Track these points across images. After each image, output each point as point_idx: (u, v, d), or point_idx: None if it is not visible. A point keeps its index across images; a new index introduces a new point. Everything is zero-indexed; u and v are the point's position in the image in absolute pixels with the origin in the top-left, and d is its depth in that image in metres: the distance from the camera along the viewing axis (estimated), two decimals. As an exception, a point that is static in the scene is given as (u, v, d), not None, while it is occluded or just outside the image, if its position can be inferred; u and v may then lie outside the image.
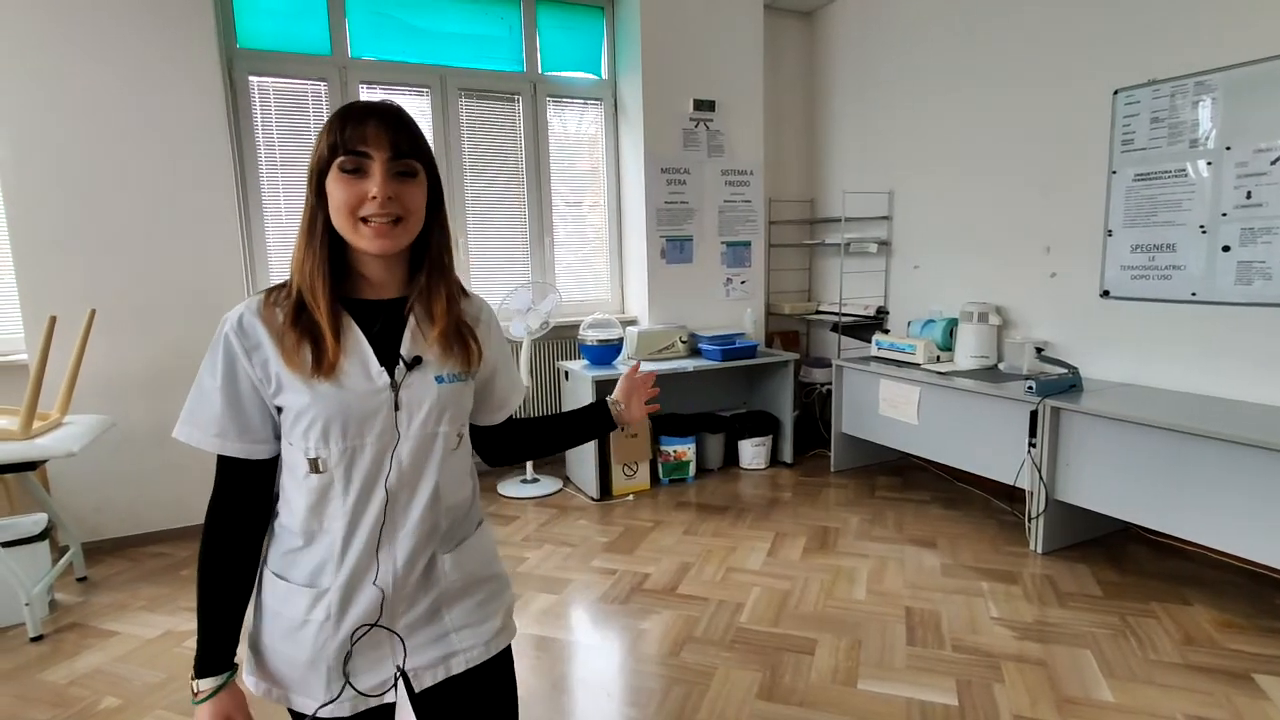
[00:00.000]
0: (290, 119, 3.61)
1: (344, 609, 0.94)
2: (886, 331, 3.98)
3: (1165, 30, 2.87)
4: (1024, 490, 3.00)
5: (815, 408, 4.59)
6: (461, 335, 1.01)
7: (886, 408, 3.69)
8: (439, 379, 0.98)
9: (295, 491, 0.94)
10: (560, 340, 4.22)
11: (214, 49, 3.18)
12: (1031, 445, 2.92)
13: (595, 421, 1.25)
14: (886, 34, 4.17)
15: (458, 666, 1.03)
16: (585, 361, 3.91)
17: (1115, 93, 3.05)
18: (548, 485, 3.89)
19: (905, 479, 3.92)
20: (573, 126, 4.28)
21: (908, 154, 4.10)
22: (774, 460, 4.23)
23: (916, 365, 3.66)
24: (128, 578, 2.95)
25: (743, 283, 4.45)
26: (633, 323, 4.29)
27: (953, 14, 3.76)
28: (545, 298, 3.83)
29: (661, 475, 3.95)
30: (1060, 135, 3.29)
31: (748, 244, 4.43)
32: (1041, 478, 2.90)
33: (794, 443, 4.21)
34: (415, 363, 0.96)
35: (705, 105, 4.15)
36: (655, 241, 4.17)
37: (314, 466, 0.92)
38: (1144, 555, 2.91)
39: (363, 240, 0.89)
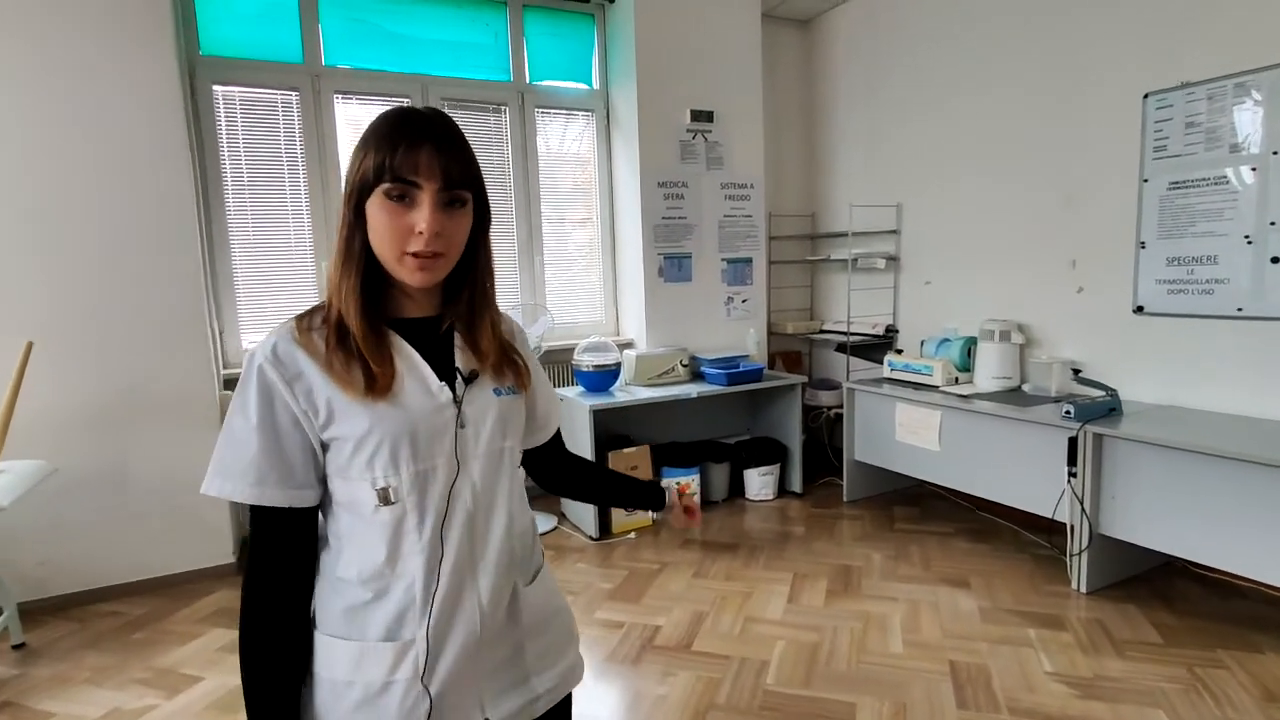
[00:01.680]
0: (259, 131, 3.34)
1: (435, 660, 0.86)
2: (900, 351, 3.76)
3: (1197, 30, 2.69)
4: (1059, 522, 2.77)
5: (823, 433, 4.35)
6: (509, 357, 0.98)
7: (904, 433, 3.46)
8: (497, 391, 0.95)
9: (363, 533, 0.86)
10: (553, 366, 3.95)
11: (172, 56, 2.90)
12: (1072, 475, 2.69)
13: (645, 493, 1.23)
14: (891, 40, 3.99)
15: (541, 708, 0.98)
16: (581, 389, 3.64)
17: (1145, 96, 2.87)
18: (542, 523, 3.60)
19: (924, 509, 3.68)
20: (563, 139, 4.04)
21: (916, 165, 3.91)
22: (782, 490, 3.97)
23: (935, 388, 3.43)
24: (72, 643, 2.61)
25: (744, 301, 4.22)
26: (629, 345, 4.03)
27: (961, 17, 3.58)
28: (536, 320, 3.57)
29: (664, 509, 3.66)
30: (1084, 142, 3.10)
31: (749, 260, 4.21)
32: (1084, 510, 2.67)
33: (803, 471, 3.96)
34: (473, 377, 0.92)
35: (703, 116, 3.94)
36: (652, 259, 3.93)
37: (385, 497, 0.84)
38: (1196, 594, 2.69)
39: (404, 271, 0.84)
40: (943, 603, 2.68)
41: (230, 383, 3.22)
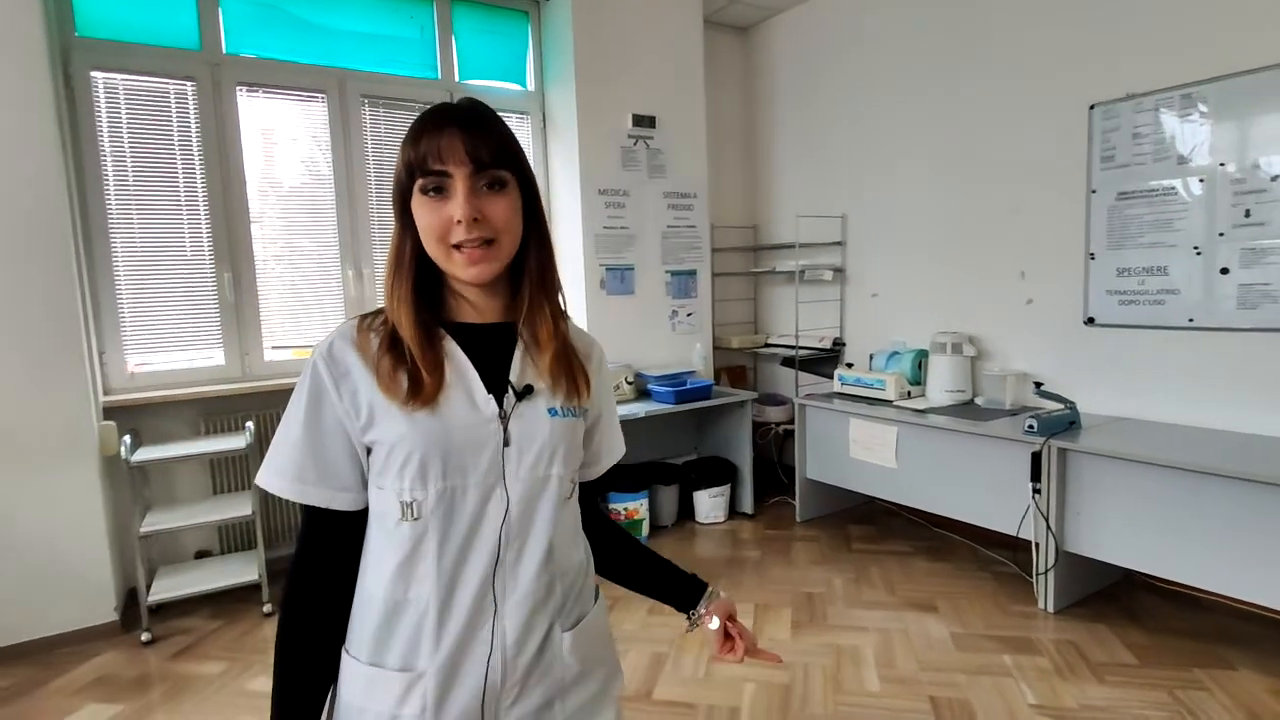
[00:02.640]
0: (148, 125, 2.93)
1: (442, 700, 0.81)
2: (850, 365, 3.67)
3: (1143, 42, 2.70)
4: (1017, 538, 2.69)
5: (772, 450, 4.22)
6: (570, 364, 0.90)
7: (859, 450, 3.35)
8: (552, 411, 0.87)
9: (384, 547, 0.82)
10: (487, 385, 3.65)
11: (39, 37, 2.49)
12: (1036, 491, 2.62)
13: (684, 592, 1.07)
14: (831, 50, 3.93)
15: None
16: (519, 410, 3.37)
17: (1091, 108, 2.87)
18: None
19: (879, 527, 3.58)
20: (495, 143, 3.77)
21: (861, 175, 3.85)
22: (732, 511, 3.80)
23: (888, 402, 3.34)
24: (-99, 735, 2.14)
25: (689, 315, 4.05)
26: (570, 363, 3.78)
27: (902, 28, 3.54)
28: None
29: (611, 538, 3.42)
30: (1031, 153, 3.08)
31: (693, 273, 4.04)
32: (1049, 528, 2.60)
33: (754, 491, 3.80)
34: (526, 391, 0.86)
35: (645, 121, 3.76)
36: (594, 270, 3.70)
37: (407, 512, 0.80)
38: (1159, 608, 2.65)
39: (456, 268, 0.81)
40: (913, 630, 2.55)
41: (112, 411, 2.79)
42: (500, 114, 0.87)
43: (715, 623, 1.04)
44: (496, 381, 0.85)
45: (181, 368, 3.05)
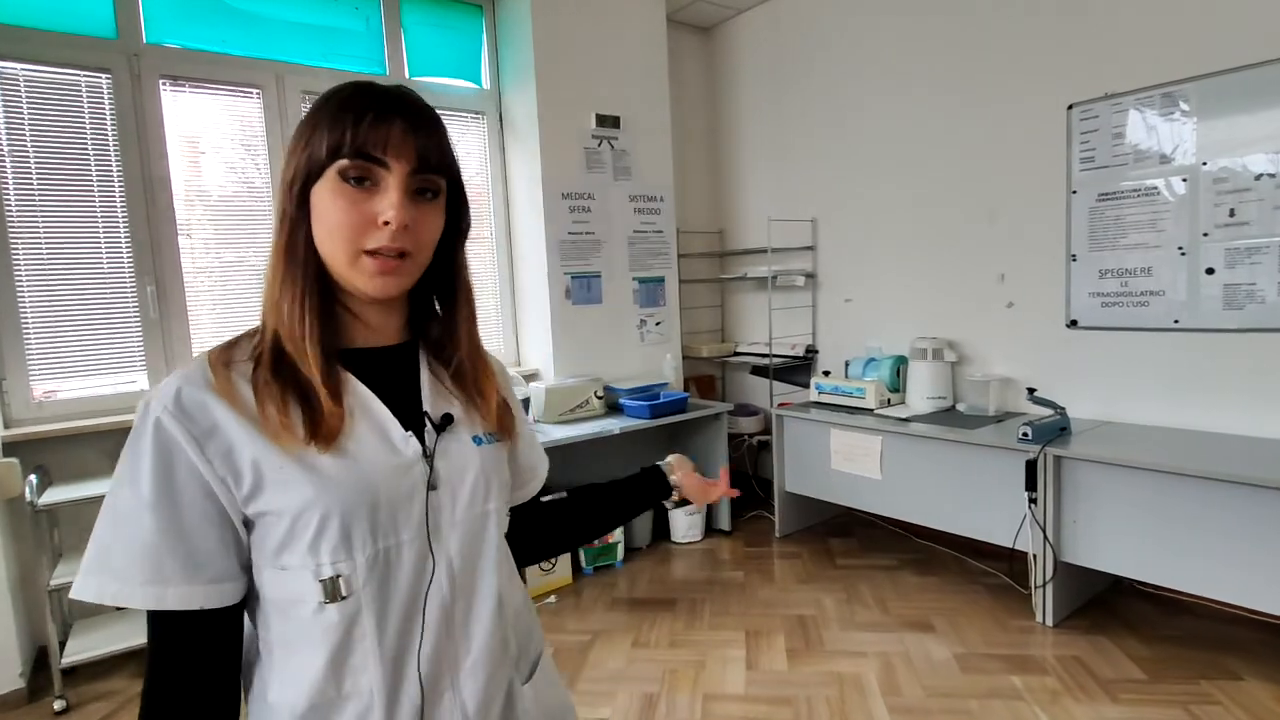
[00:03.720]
0: (54, 122, 2.59)
1: None
2: (827, 373, 3.55)
3: (1121, 40, 2.67)
4: (1012, 549, 2.60)
5: (746, 463, 4.07)
6: (485, 384, 0.79)
7: (841, 461, 3.23)
8: (476, 440, 0.76)
9: (300, 643, 0.65)
10: (446, 403, 3.40)
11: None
12: (1032, 501, 2.53)
13: (648, 490, 1.05)
14: (797, 49, 3.84)
15: None
16: (483, 430, 3.13)
17: (1070, 107, 2.82)
18: (441, 592, 3.02)
19: (861, 540, 3.46)
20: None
21: (831, 178, 3.75)
22: (709, 529, 3.63)
23: (869, 411, 3.23)
24: None
25: (658, 324, 3.87)
26: (535, 377, 3.57)
27: (871, 25, 3.47)
28: (428, 352, 3.02)
29: (585, 563, 3.22)
30: (1008, 154, 3.03)
31: (661, 280, 3.87)
32: (1047, 538, 2.51)
33: (731, 506, 3.64)
34: (446, 422, 0.73)
35: (609, 121, 3.58)
36: (558, 279, 3.49)
37: (332, 591, 0.64)
38: (1154, 616, 2.60)
39: (360, 277, 0.67)
40: (913, 652, 2.42)
41: (14, 446, 2.44)
42: (454, 113, 0.70)
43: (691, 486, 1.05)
44: (407, 415, 0.72)
45: (97, 394, 2.70)
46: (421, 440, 0.72)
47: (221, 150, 2.94)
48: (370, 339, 0.74)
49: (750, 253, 4.11)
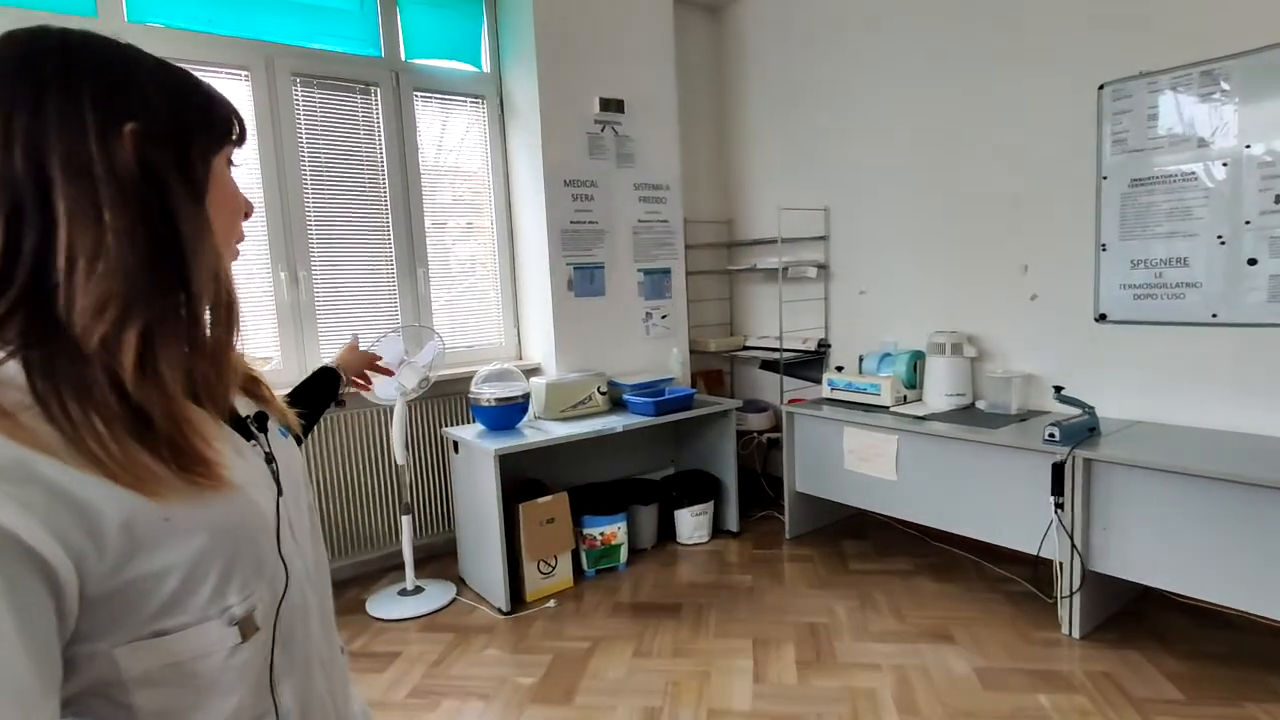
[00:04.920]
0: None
1: None
2: (840, 368, 3.41)
3: (1158, 14, 2.50)
4: (1038, 556, 2.46)
5: (755, 461, 3.94)
6: (258, 377, 0.74)
7: (854, 461, 3.08)
8: (282, 433, 0.72)
9: (197, 703, 0.54)
10: (444, 400, 3.28)
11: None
12: (1058, 506, 2.39)
13: (323, 385, 1.22)
14: (810, 29, 3.67)
15: None
16: (481, 427, 3.01)
17: (1101, 87, 2.65)
18: (436, 596, 2.91)
19: (874, 542, 3.32)
20: (443, 127, 3.40)
21: (844, 164, 3.59)
22: (716, 529, 3.50)
23: (884, 408, 3.09)
24: None
25: (663, 317, 3.74)
26: (536, 372, 3.44)
27: (892, 2, 3.30)
28: (423, 346, 2.91)
29: (586, 566, 3.09)
30: (1034, 137, 2.86)
31: (667, 271, 3.73)
32: (1074, 546, 2.37)
33: (739, 506, 3.51)
34: (262, 421, 0.68)
35: (613, 105, 3.44)
36: (560, 270, 3.36)
37: (248, 628, 0.57)
38: (1188, 629, 2.44)
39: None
40: (931, 665, 2.28)
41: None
42: (451, 97, 0.58)
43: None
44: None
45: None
46: (261, 445, 0.67)
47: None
48: None
49: (760, 243, 3.96)
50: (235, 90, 2.85)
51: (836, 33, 3.54)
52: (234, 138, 0.63)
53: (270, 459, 0.66)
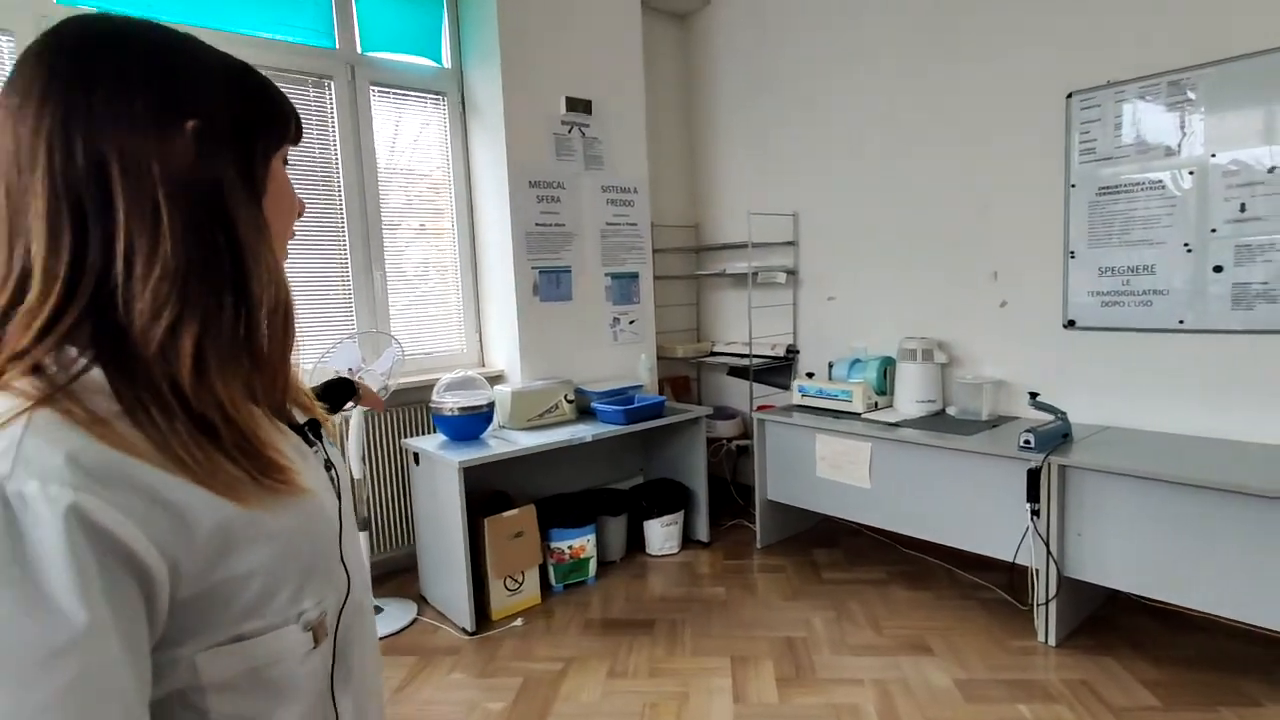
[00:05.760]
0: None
1: None
2: (810, 375, 3.37)
3: (1125, 24, 2.52)
4: (1013, 563, 2.45)
5: (724, 469, 3.88)
6: (305, 395, 0.73)
7: (827, 468, 3.05)
8: (330, 444, 0.71)
9: (275, 705, 0.55)
10: (404, 410, 3.13)
11: None
12: (1034, 513, 2.38)
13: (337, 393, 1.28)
14: (778, 36, 3.64)
15: None
16: (443, 438, 2.87)
17: (1069, 96, 2.67)
18: (397, 615, 2.76)
19: (846, 550, 3.29)
20: (398, 124, 3.25)
21: (814, 170, 3.57)
22: (686, 540, 3.42)
23: (856, 415, 3.06)
24: None
25: (631, 322, 3.65)
26: (500, 380, 3.31)
27: (860, 9, 3.28)
28: (381, 353, 2.76)
29: (554, 580, 2.98)
30: (1001, 145, 2.87)
31: (635, 275, 3.65)
32: (1050, 553, 2.36)
33: (709, 516, 3.44)
34: (316, 429, 0.68)
35: (580, 105, 3.34)
36: (525, 274, 3.24)
37: (320, 632, 0.58)
38: (1158, 634, 2.46)
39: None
40: (912, 679, 2.24)
41: None
42: (412, 93, 0.52)
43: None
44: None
45: None
46: (324, 451, 0.68)
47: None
48: None
49: (728, 248, 3.91)
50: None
51: (805, 40, 3.52)
52: (291, 135, 0.61)
53: (329, 465, 0.67)
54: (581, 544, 3.00)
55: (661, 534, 3.31)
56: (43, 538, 0.42)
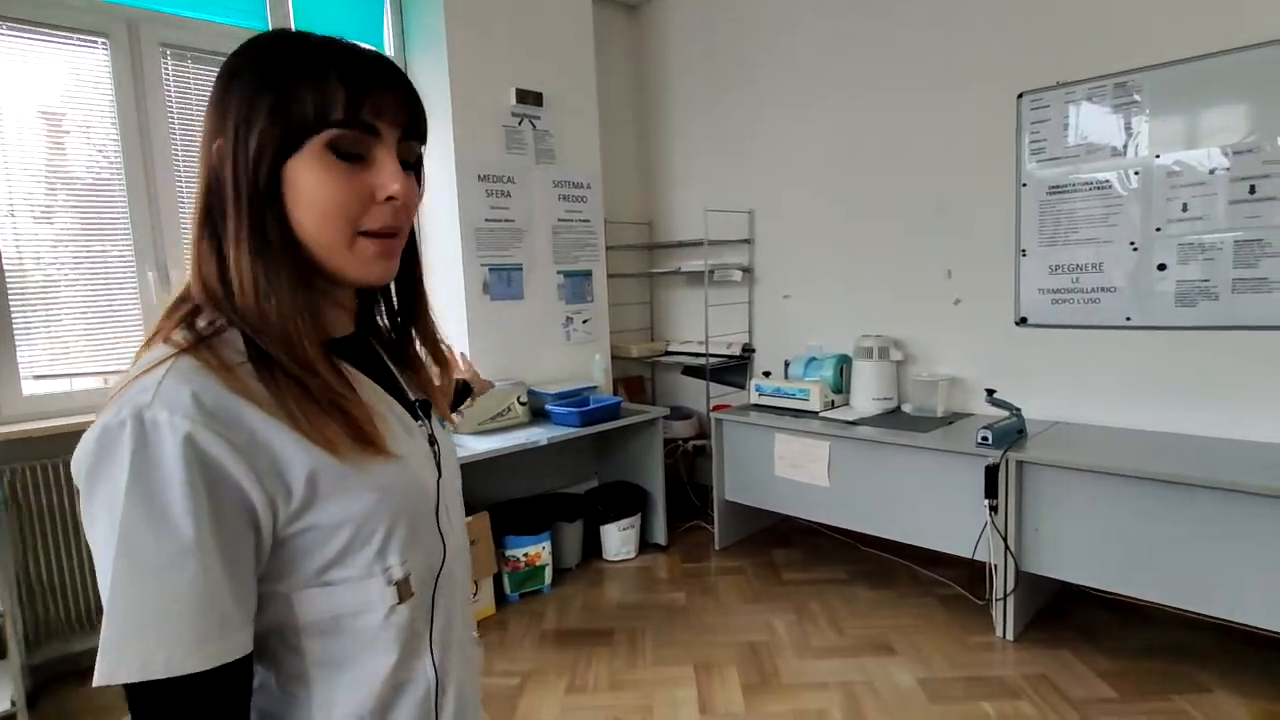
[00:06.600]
0: None
1: None
2: (767, 374, 3.34)
3: (1074, 27, 2.56)
4: (972, 559, 2.46)
5: (680, 469, 3.82)
6: (444, 378, 0.84)
7: (785, 468, 3.02)
8: (441, 424, 0.78)
9: (360, 656, 0.61)
10: (345, 414, 2.96)
11: None
12: (992, 509, 2.39)
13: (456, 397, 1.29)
14: (731, 31, 3.60)
15: None
16: (389, 444, 2.72)
17: (1020, 96, 2.71)
18: (341, 634, 2.60)
19: (804, 550, 3.27)
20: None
21: (769, 168, 3.54)
22: (644, 543, 3.35)
23: (814, 414, 3.04)
24: None
25: (585, 322, 3.56)
26: (449, 382, 3.17)
27: (815, 6, 3.27)
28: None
29: (509, 589, 2.87)
30: (956, 143, 2.89)
31: (588, 274, 3.56)
32: (1009, 549, 2.38)
33: (666, 518, 3.37)
34: (428, 409, 0.74)
35: (531, 97, 3.23)
36: (475, 272, 3.12)
37: (405, 591, 0.63)
38: (1111, 625, 2.51)
39: (356, 262, 0.61)
40: (877, 680, 2.22)
41: None
42: None
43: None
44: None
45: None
46: (428, 427, 0.73)
47: (55, 110, 2.40)
48: (340, 327, 0.68)
49: (683, 245, 3.86)
50: (89, 62, 2.44)
51: (758, 35, 3.49)
52: (329, 122, 0.58)
53: (433, 441, 0.72)
54: (537, 551, 2.90)
55: (619, 538, 3.23)
56: (164, 456, 0.51)
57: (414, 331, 0.76)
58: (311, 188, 0.58)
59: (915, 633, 2.50)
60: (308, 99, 0.57)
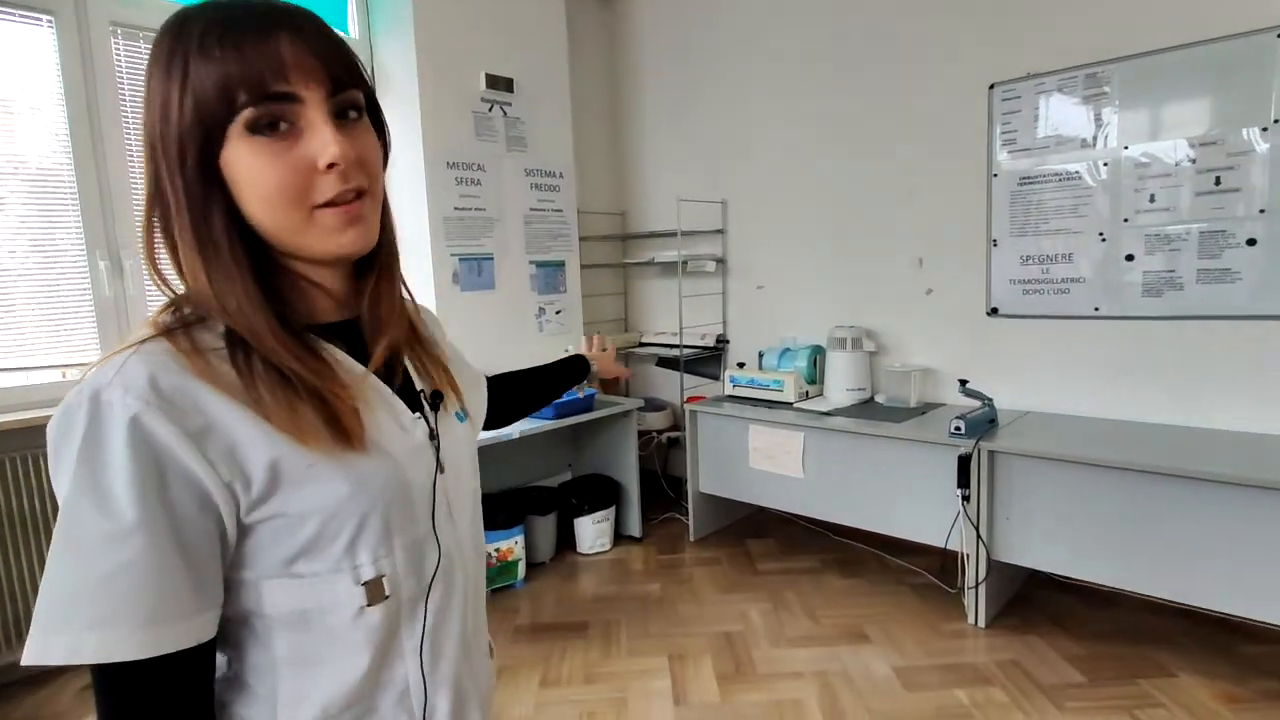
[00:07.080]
0: None
1: None
2: (741, 365, 3.33)
3: (1045, 18, 2.57)
4: (944, 548, 2.48)
5: (655, 461, 3.80)
6: (437, 353, 0.75)
7: (760, 459, 3.01)
8: (459, 416, 0.73)
9: (328, 655, 0.59)
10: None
11: None
12: (965, 498, 2.41)
13: (568, 372, 1.21)
14: (704, 21, 3.57)
15: None
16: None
17: (991, 87, 2.72)
18: (308, 632, 2.54)
19: (779, 540, 3.28)
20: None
21: (741, 158, 3.52)
22: (618, 536, 3.33)
23: (788, 405, 3.04)
24: None
25: (558, 312, 3.51)
26: (418, 374, 3.11)
27: (784, 0, 3.25)
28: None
29: (481, 585, 2.82)
30: (927, 134, 2.90)
31: (561, 264, 3.51)
32: (980, 537, 2.40)
33: (641, 510, 3.35)
34: (438, 400, 0.70)
35: (502, 83, 3.16)
36: (444, 261, 3.05)
37: (375, 593, 0.60)
38: (1079, 610, 2.55)
39: (321, 238, 0.57)
40: (852, 668, 2.23)
41: None
42: None
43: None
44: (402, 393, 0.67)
45: None
46: (426, 421, 0.67)
47: (9, 99, 2.29)
48: (332, 311, 0.64)
49: (656, 236, 3.82)
50: (34, 40, 2.32)
51: (730, 25, 3.46)
52: (237, 107, 0.53)
53: (433, 435, 0.67)
54: (509, 546, 2.86)
55: (593, 531, 3.20)
56: (111, 437, 0.50)
57: (392, 307, 0.68)
58: (247, 176, 0.55)
59: (889, 621, 2.51)
60: (209, 86, 0.52)
